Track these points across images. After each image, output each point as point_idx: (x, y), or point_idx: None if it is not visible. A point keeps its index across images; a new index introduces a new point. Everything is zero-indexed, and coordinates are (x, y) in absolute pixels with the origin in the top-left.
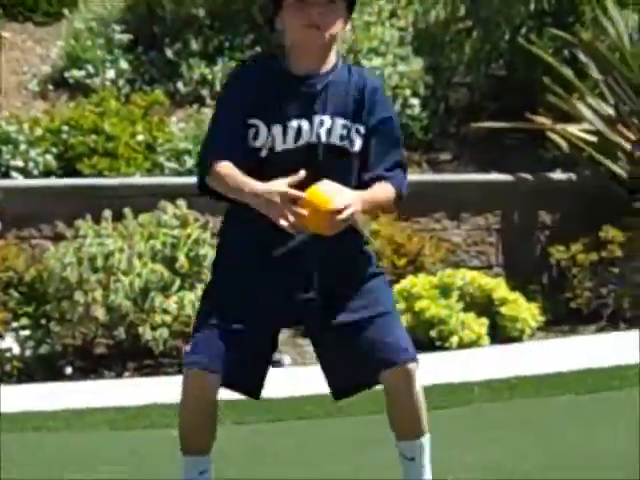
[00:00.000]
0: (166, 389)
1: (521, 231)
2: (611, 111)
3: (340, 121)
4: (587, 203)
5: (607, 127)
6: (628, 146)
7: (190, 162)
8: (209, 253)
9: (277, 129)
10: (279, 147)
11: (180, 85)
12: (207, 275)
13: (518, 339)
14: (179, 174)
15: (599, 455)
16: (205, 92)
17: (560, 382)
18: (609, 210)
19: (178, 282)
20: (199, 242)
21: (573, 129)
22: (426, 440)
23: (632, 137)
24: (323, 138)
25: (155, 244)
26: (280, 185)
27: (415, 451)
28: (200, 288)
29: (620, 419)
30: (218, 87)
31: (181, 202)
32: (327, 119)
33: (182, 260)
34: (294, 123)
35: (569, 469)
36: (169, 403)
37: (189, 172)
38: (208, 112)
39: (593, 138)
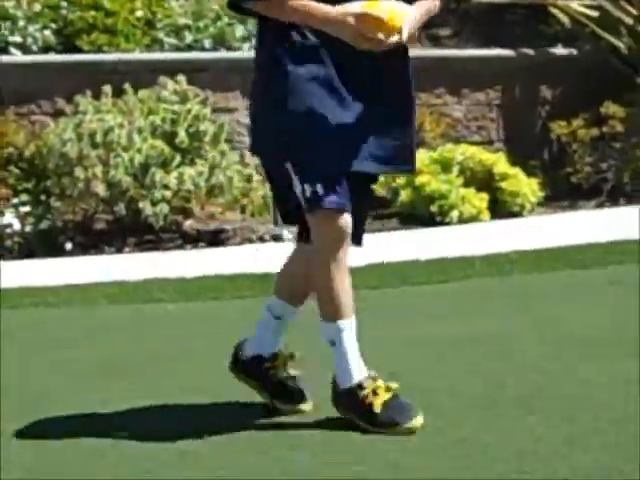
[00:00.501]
0: (166, 264)
1: (522, 106)
2: None
3: None
4: (588, 78)
5: (609, 1)
6: (630, 20)
7: (189, 38)
8: (209, 129)
9: None
10: None
11: None
12: (207, 150)
13: (518, 214)
14: (179, 49)
15: (597, 330)
16: None
17: (559, 257)
18: (610, 85)
19: (178, 158)
20: (199, 118)
21: (575, 4)
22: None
23: (634, 12)
24: None
25: (155, 120)
26: (355, 6)
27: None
28: (200, 164)
29: (618, 294)
30: None
31: (181, 77)
32: None
33: (182, 135)
34: None
35: (564, 344)
36: (169, 277)
37: (189, 47)
38: None
39: (595, 13)
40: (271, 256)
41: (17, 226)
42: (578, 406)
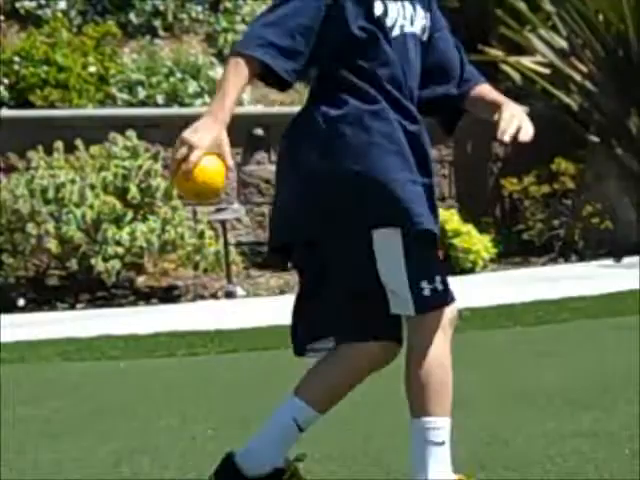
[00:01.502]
0: (118, 320)
1: (474, 163)
2: (564, 43)
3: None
4: (539, 135)
5: (560, 59)
6: (580, 78)
7: (142, 93)
8: (160, 184)
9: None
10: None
11: (132, 16)
12: (159, 206)
13: (471, 270)
14: (131, 105)
15: (550, 387)
16: (157, 23)
17: (511, 313)
18: (561, 142)
19: (130, 214)
20: (150, 173)
21: (526, 61)
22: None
23: (584, 69)
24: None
25: (107, 175)
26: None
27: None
28: (152, 220)
29: (570, 350)
30: (170, 18)
31: (131, 133)
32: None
33: (134, 191)
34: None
35: (517, 400)
36: (121, 334)
37: (141, 103)
38: (160, 43)
39: (546, 70)
40: (224, 313)
41: None
42: (526, 460)
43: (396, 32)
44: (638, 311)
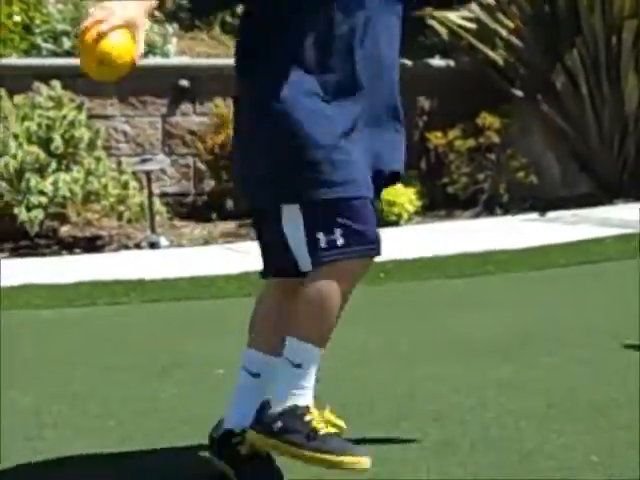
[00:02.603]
0: (42, 270)
1: None
2: None
3: None
4: (465, 90)
5: (486, 14)
6: (506, 34)
7: (68, 44)
8: (85, 135)
9: None
10: None
11: None
12: (83, 157)
13: (395, 223)
14: (56, 55)
15: (473, 339)
16: None
17: (436, 266)
18: (487, 97)
19: (54, 164)
20: (74, 124)
21: (452, 16)
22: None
23: (510, 24)
24: None
25: (30, 125)
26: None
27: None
28: (76, 170)
29: (493, 302)
30: None
31: (55, 83)
32: None
33: (58, 141)
34: None
35: (439, 352)
36: (45, 283)
37: (67, 53)
38: None
39: (472, 25)
40: (148, 263)
41: None
42: (447, 411)
43: None
44: (561, 265)
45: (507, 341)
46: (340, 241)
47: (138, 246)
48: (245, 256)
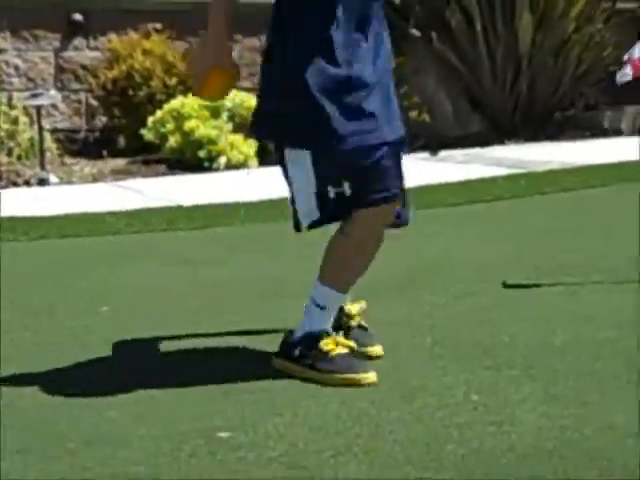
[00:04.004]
0: None
1: None
2: None
3: None
4: None
5: None
6: None
7: None
8: None
9: None
10: None
11: None
12: None
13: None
14: None
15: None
16: None
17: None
18: None
19: None
20: None
21: None
22: None
23: None
24: None
25: None
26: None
27: None
28: None
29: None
30: None
31: None
32: None
33: None
34: None
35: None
36: None
37: None
38: None
39: None
40: (36, 200)
41: None
42: None
43: None
44: (451, 203)
45: (393, 280)
46: (348, 191)
47: (27, 183)
48: (135, 193)
